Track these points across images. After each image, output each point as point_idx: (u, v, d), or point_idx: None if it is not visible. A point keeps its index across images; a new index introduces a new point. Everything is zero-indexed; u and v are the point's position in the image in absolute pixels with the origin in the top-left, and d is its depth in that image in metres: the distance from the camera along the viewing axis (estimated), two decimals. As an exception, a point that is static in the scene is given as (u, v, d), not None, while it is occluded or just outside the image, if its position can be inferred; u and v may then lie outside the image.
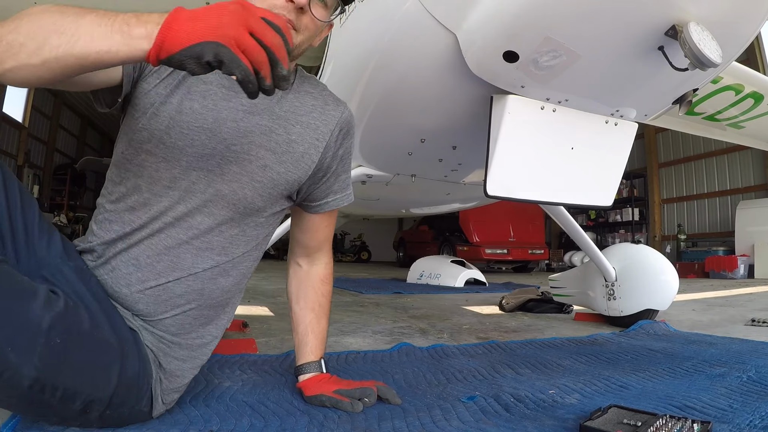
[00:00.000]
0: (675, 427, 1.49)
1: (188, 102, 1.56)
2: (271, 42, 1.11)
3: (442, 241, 15.92)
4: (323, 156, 1.77)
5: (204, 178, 1.58)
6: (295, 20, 1.54)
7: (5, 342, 1.14)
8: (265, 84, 1.12)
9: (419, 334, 3.55)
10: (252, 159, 1.63)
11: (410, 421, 1.64)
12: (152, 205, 1.57)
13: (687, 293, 7.00)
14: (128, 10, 1.18)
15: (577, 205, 2.30)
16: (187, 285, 1.60)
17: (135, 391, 1.48)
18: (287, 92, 1.72)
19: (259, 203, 1.68)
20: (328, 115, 1.78)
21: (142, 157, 1.56)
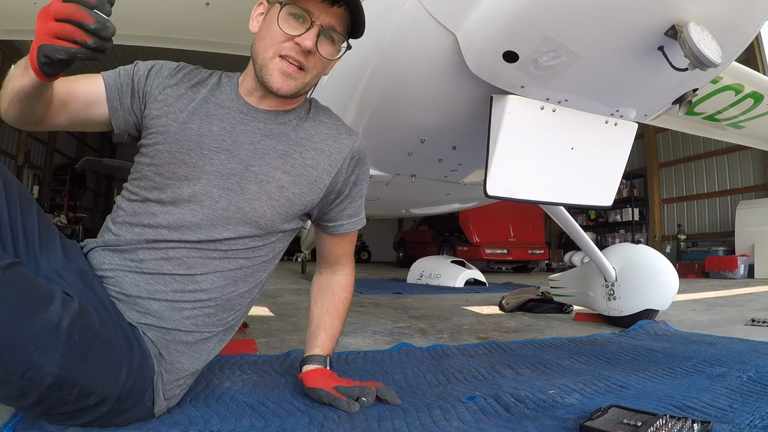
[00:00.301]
0: (675, 427, 1.49)
1: (207, 125, 1.72)
2: (67, 12, 1.17)
3: (442, 242, 15.92)
4: (335, 180, 1.86)
5: (225, 196, 1.69)
6: (304, 61, 1.68)
7: (29, 341, 1.18)
8: (89, 44, 1.19)
9: (419, 335, 3.55)
10: (270, 180, 1.74)
11: (410, 421, 1.64)
12: (175, 216, 1.67)
13: (687, 293, 7.00)
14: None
15: (577, 205, 2.30)
16: (212, 281, 1.69)
17: (140, 384, 1.51)
18: (303, 120, 1.85)
19: (277, 221, 1.77)
20: (341, 144, 1.87)
21: (164, 174, 1.68)
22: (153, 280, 1.64)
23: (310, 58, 1.68)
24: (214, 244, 1.69)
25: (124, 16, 4.68)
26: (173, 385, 1.66)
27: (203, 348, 1.73)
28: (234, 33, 4.86)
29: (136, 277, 1.64)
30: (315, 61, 1.71)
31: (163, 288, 1.64)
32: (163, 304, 1.64)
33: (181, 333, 1.66)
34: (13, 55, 14.83)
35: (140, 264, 1.64)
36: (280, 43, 1.67)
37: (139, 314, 1.62)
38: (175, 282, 1.65)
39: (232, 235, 1.70)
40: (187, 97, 1.77)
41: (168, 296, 1.64)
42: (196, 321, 1.69)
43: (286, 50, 1.66)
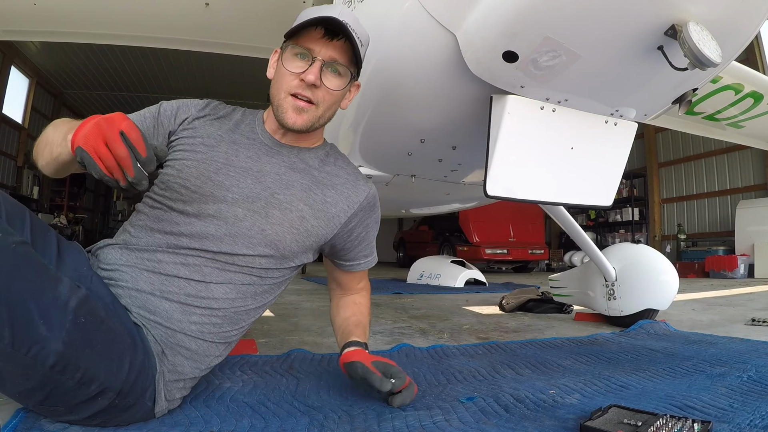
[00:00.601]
0: (675, 426, 1.49)
1: (234, 151, 1.86)
2: (118, 153, 1.31)
3: (442, 242, 15.92)
4: (349, 220, 1.98)
5: (250, 217, 1.77)
6: (311, 96, 1.81)
7: (38, 315, 1.21)
8: (120, 184, 1.33)
9: (419, 335, 3.55)
10: (293, 209, 1.84)
11: (410, 422, 1.63)
12: (198, 227, 1.74)
13: (687, 293, 7.00)
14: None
15: (577, 205, 2.30)
16: (224, 292, 1.75)
17: (141, 382, 1.53)
18: (325, 163, 1.99)
19: (295, 248, 1.86)
20: (359, 189, 2.00)
21: (191, 188, 1.76)
22: (168, 281, 1.68)
23: (317, 92, 1.81)
24: (232, 258, 1.75)
25: (123, 16, 4.71)
26: (174, 387, 1.67)
27: (203, 358, 1.75)
28: (233, 33, 4.86)
29: (152, 276, 1.69)
30: (323, 94, 1.83)
31: (176, 290, 1.68)
32: (174, 305, 1.67)
33: (185, 337, 1.68)
34: (13, 56, 14.85)
35: (158, 264, 1.70)
36: (289, 83, 1.81)
37: (147, 312, 1.65)
38: (189, 286, 1.69)
39: (251, 252, 1.77)
40: (215, 126, 1.92)
41: (180, 298, 1.68)
42: (202, 328, 1.71)
43: (294, 88, 1.80)
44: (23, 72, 16.18)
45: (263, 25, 4.57)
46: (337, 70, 1.84)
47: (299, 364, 2.42)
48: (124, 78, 17.25)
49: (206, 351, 1.74)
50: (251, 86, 16.55)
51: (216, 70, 16.05)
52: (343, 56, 1.84)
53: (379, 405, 1.81)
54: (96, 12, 4.67)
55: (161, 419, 1.61)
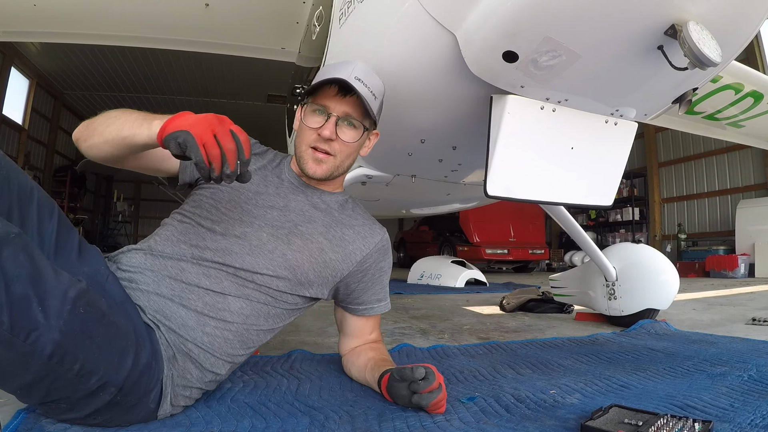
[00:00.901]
0: (676, 426, 1.49)
1: (264, 186, 2.02)
2: (226, 146, 1.46)
3: (442, 242, 15.93)
4: (365, 259, 2.09)
5: (273, 242, 1.89)
6: (328, 148, 1.97)
7: (37, 301, 1.22)
8: (214, 173, 1.45)
9: (420, 335, 3.56)
10: (313, 241, 1.96)
11: (411, 422, 1.64)
12: (223, 244, 1.84)
13: (687, 293, 7.00)
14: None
15: (578, 204, 2.30)
16: (240, 306, 1.81)
17: (145, 381, 1.54)
18: (345, 207, 2.13)
19: (312, 277, 1.95)
20: (375, 232, 2.14)
21: (221, 210, 1.91)
22: (188, 289, 1.74)
23: (333, 144, 1.97)
24: (252, 276, 1.82)
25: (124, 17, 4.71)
26: (181, 393, 1.69)
27: (207, 372, 1.77)
28: (233, 34, 4.86)
29: (173, 282, 1.75)
30: (339, 146, 1.98)
31: (195, 298, 1.74)
32: (191, 312, 1.72)
33: (195, 347, 1.71)
34: (13, 57, 14.85)
35: (180, 272, 1.76)
36: (309, 137, 1.98)
37: (163, 316, 1.69)
38: (208, 296, 1.75)
39: (270, 273, 1.85)
40: (252, 158, 1.98)
41: (197, 307, 1.73)
42: (213, 341, 1.75)
43: (313, 142, 1.97)
44: (23, 73, 16.19)
45: (263, 26, 4.57)
46: (352, 124, 1.99)
47: (300, 365, 2.42)
48: (125, 79, 17.25)
49: (212, 366, 1.76)
50: (251, 87, 16.57)
51: (216, 71, 16.04)
52: (356, 111, 1.97)
53: (380, 405, 1.82)
54: (96, 13, 4.67)
55: (162, 420, 1.62)
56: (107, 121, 1.71)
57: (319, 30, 3.58)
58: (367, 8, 2.36)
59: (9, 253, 1.18)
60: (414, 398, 1.70)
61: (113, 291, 1.66)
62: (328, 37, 3.04)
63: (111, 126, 1.68)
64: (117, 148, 1.69)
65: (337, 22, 2.79)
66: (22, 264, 1.20)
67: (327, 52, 3.06)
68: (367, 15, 2.38)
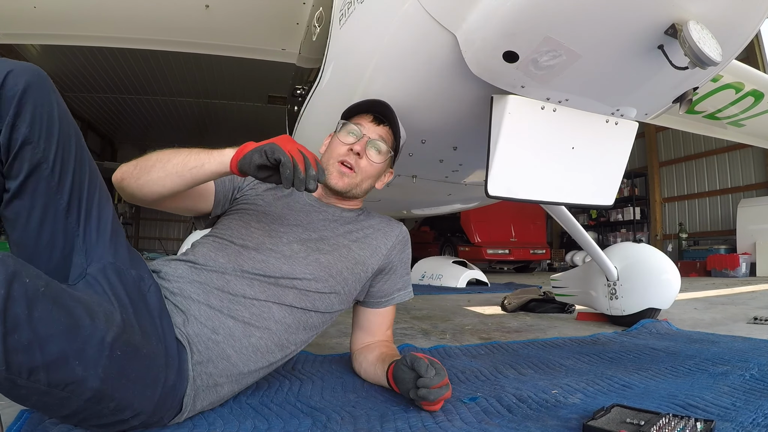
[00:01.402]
0: (678, 426, 1.49)
1: (288, 209, 2.15)
2: (309, 155, 1.68)
3: (443, 242, 15.93)
4: (389, 252, 2.23)
5: (305, 250, 2.00)
6: (354, 163, 2.14)
7: (73, 356, 1.20)
8: (300, 174, 1.61)
9: (421, 335, 3.56)
10: (340, 245, 2.09)
11: (413, 422, 1.64)
12: (259, 258, 1.93)
13: (689, 292, 7.00)
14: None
15: (579, 204, 2.30)
16: (283, 315, 1.88)
17: (170, 401, 1.55)
18: (361, 218, 2.27)
19: (346, 275, 2.06)
20: (393, 227, 2.29)
21: (252, 227, 2.03)
22: (235, 300, 1.80)
23: (360, 161, 2.15)
24: (292, 282, 1.91)
25: (123, 19, 4.70)
26: (200, 406, 1.68)
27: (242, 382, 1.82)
28: (234, 35, 4.86)
29: (221, 294, 1.80)
30: (365, 164, 2.16)
31: (242, 309, 1.79)
32: (238, 323, 1.77)
33: (238, 357, 1.75)
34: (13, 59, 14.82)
35: (226, 284, 1.82)
36: (338, 151, 2.16)
37: (209, 330, 1.72)
38: (254, 306, 1.81)
39: (309, 276, 1.95)
40: (274, 189, 2.22)
41: (245, 317, 1.78)
42: (256, 353, 1.80)
43: (342, 156, 2.14)
44: (24, 75, 16.14)
45: (263, 27, 4.57)
46: (380, 148, 2.19)
47: (301, 366, 2.42)
48: (125, 81, 17.23)
49: (248, 375, 1.82)
50: (251, 88, 16.55)
51: (216, 72, 16.04)
52: (387, 138, 2.22)
53: (382, 406, 1.82)
54: (96, 15, 4.67)
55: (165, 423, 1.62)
56: (165, 157, 1.80)
57: (320, 31, 3.58)
58: (367, 9, 2.36)
59: (41, 312, 1.14)
60: (420, 392, 1.69)
61: (153, 303, 1.66)
62: (329, 38, 3.04)
63: (173, 160, 1.78)
64: (180, 180, 1.77)
65: (337, 22, 2.78)
66: (56, 320, 1.17)
67: (327, 53, 3.06)
68: (367, 15, 2.38)
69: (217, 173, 1.76)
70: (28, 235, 1.48)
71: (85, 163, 1.58)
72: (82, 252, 1.54)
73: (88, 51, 14.94)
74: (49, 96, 1.48)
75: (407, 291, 2.35)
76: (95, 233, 1.58)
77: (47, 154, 1.45)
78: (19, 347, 1.09)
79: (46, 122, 1.45)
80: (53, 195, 1.48)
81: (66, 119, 1.52)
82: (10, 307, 1.07)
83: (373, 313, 2.30)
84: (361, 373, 2.21)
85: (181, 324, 1.68)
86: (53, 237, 1.50)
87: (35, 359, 1.12)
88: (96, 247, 1.57)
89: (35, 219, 1.47)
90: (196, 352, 1.66)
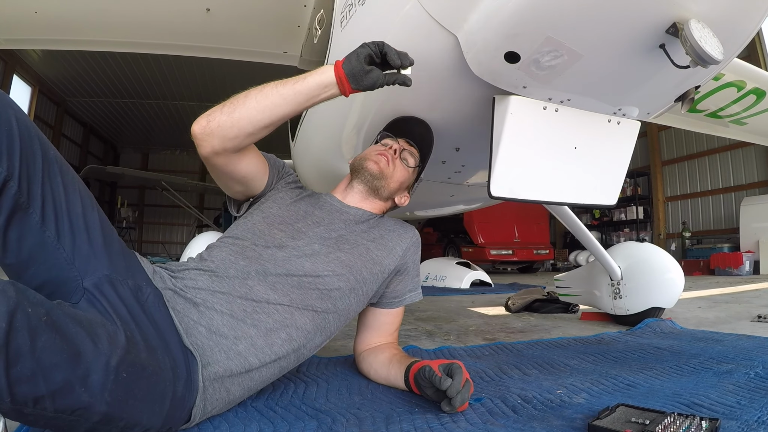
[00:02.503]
0: (683, 424, 1.49)
1: (311, 208, 2.20)
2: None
3: (446, 243, 15.95)
4: (404, 253, 2.27)
5: (325, 249, 2.03)
6: (390, 157, 2.30)
7: (78, 383, 1.19)
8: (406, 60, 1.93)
9: (426, 337, 3.56)
10: (359, 245, 2.13)
11: (418, 423, 1.63)
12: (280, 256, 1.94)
13: (692, 290, 6.99)
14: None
15: (581, 204, 2.29)
16: (305, 322, 1.88)
17: (179, 413, 1.54)
18: (380, 221, 2.32)
19: (366, 274, 2.08)
20: (407, 230, 2.34)
21: (274, 226, 2.06)
22: (259, 308, 1.78)
23: (393, 161, 2.32)
24: (315, 280, 1.92)
25: (125, 23, 4.71)
26: (210, 414, 1.67)
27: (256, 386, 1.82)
28: (235, 38, 4.87)
29: (245, 302, 1.78)
30: (398, 165, 2.33)
31: (265, 317, 1.78)
32: (261, 331, 1.76)
33: (257, 360, 1.74)
34: (15, 65, 14.88)
35: (249, 291, 1.80)
36: (376, 149, 2.35)
37: (231, 340, 1.70)
38: (277, 313, 1.81)
39: (331, 272, 1.97)
40: (297, 191, 2.29)
41: (268, 324, 1.78)
42: (276, 361, 1.81)
43: (380, 150, 2.33)
44: (25, 80, 16.22)
45: (264, 30, 4.58)
46: (414, 155, 2.42)
47: (306, 368, 2.42)
48: (127, 85, 17.29)
49: (266, 379, 1.83)
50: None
51: (218, 76, 16.06)
52: (414, 157, 2.43)
53: (387, 407, 1.82)
54: (97, 19, 4.68)
55: (171, 427, 1.62)
56: (258, 88, 1.90)
57: (321, 33, 3.57)
58: (368, 11, 2.36)
59: (44, 342, 1.14)
60: (444, 407, 1.72)
61: (154, 313, 1.62)
62: (330, 41, 3.04)
63: (267, 87, 1.90)
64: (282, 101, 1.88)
65: (338, 25, 2.78)
66: (60, 348, 1.17)
67: (329, 56, 3.06)
68: (368, 17, 2.38)
69: (321, 84, 1.89)
70: (9, 255, 1.47)
71: (55, 175, 1.53)
72: (70, 265, 1.51)
73: (89, 56, 15.01)
74: (6, 112, 1.43)
75: (417, 292, 2.39)
76: (86, 245, 1.56)
77: (12, 172, 1.41)
78: (23, 378, 1.09)
79: (6, 139, 1.40)
80: (24, 211, 1.45)
81: (27, 133, 1.47)
82: (12, 339, 1.06)
83: (383, 313, 2.32)
84: (371, 374, 2.22)
85: (204, 334, 1.67)
86: (32, 253, 1.48)
87: (39, 389, 1.12)
88: (90, 259, 1.55)
89: (12, 238, 1.45)
90: (214, 362, 1.64)
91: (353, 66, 1.87)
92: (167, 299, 1.71)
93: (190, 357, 1.60)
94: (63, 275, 1.51)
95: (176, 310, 1.69)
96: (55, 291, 1.50)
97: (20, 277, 1.49)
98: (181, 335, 1.63)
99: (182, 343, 1.61)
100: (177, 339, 1.61)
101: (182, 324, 1.66)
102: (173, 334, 1.61)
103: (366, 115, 2.74)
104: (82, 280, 1.51)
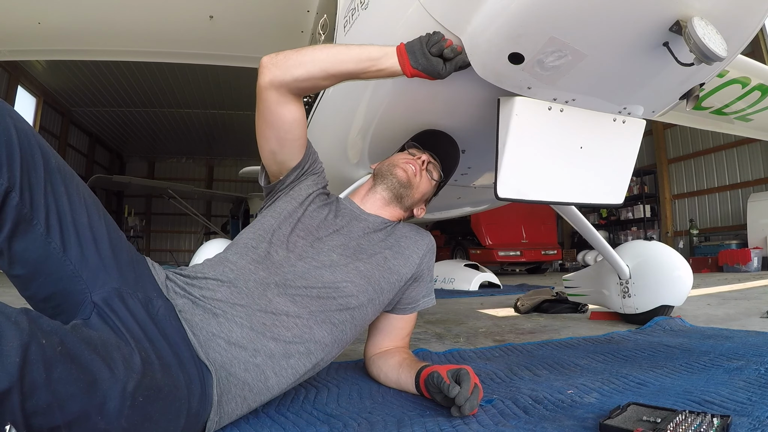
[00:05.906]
0: (695, 422, 1.49)
1: (332, 216, 2.20)
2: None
3: (454, 246, 15.92)
4: (421, 261, 2.27)
5: (344, 259, 2.03)
6: (417, 168, 2.33)
7: (95, 412, 1.17)
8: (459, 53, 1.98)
9: (435, 339, 3.56)
10: (376, 254, 2.13)
11: (429, 426, 1.63)
12: (300, 267, 1.93)
13: (701, 288, 6.98)
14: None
15: (588, 204, 2.29)
16: (323, 335, 1.86)
17: (193, 428, 1.52)
18: (396, 229, 2.32)
19: (383, 284, 2.08)
20: (423, 236, 2.34)
21: (296, 234, 2.06)
22: (278, 321, 1.76)
23: (420, 173, 2.35)
24: (334, 292, 1.91)
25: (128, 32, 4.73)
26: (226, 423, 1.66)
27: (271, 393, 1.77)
28: (238, 45, 4.88)
29: (264, 315, 1.75)
30: (421, 180, 2.35)
31: (284, 331, 1.76)
32: (280, 344, 1.74)
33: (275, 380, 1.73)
34: (19, 76, 14.94)
35: (269, 303, 1.78)
36: (404, 158, 2.37)
37: (250, 353, 1.68)
38: (296, 327, 1.79)
39: (349, 282, 1.97)
40: (323, 198, 2.29)
41: (286, 337, 1.76)
42: (294, 374, 1.79)
43: (407, 160, 2.35)
44: (30, 91, 16.30)
45: (267, 36, 4.58)
46: (433, 176, 2.42)
47: (317, 373, 2.42)
48: (131, 93, 17.34)
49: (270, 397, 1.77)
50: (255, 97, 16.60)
51: (223, 83, 16.08)
52: (438, 171, 2.45)
53: (398, 411, 1.82)
54: (100, 29, 4.69)
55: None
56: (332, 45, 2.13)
57: (324, 38, 3.58)
58: (371, 15, 2.37)
59: (59, 373, 1.11)
60: (454, 413, 1.71)
61: (165, 326, 1.59)
62: (334, 41, 3.04)
63: (346, 46, 2.10)
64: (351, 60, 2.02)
65: (341, 29, 2.79)
66: (76, 379, 1.15)
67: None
68: (371, 21, 2.39)
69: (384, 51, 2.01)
70: (16, 267, 1.45)
71: (58, 184, 1.50)
72: (78, 278, 1.49)
73: (93, 65, 15.05)
74: (4, 121, 1.40)
75: (431, 297, 2.40)
76: (94, 256, 1.53)
77: (13, 182, 1.38)
78: (39, 410, 1.07)
79: (5, 149, 1.37)
80: (28, 222, 1.42)
81: (27, 141, 1.44)
82: (27, 373, 1.04)
83: (397, 318, 2.32)
84: (381, 377, 2.22)
85: (223, 346, 1.64)
86: (38, 265, 1.45)
87: (55, 419, 1.11)
88: (98, 271, 1.52)
89: (18, 250, 1.43)
90: (230, 375, 1.62)
91: (413, 45, 1.97)
92: (182, 310, 1.67)
93: (204, 371, 1.57)
94: (70, 287, 1.48)
95: (193, 322, 1.65)
96: (62, 303, 1.49)
97: (27, 289, 1.48)
98: (195, 349, 1.59)
99: (196, 357, 1.58)
100: (190, 353, 1.58)
101: (198, 337, 1.63)
102: (186, 348, 1.58)
103: (371, 120, 2.74)
104: (91, 294, 1.49)
